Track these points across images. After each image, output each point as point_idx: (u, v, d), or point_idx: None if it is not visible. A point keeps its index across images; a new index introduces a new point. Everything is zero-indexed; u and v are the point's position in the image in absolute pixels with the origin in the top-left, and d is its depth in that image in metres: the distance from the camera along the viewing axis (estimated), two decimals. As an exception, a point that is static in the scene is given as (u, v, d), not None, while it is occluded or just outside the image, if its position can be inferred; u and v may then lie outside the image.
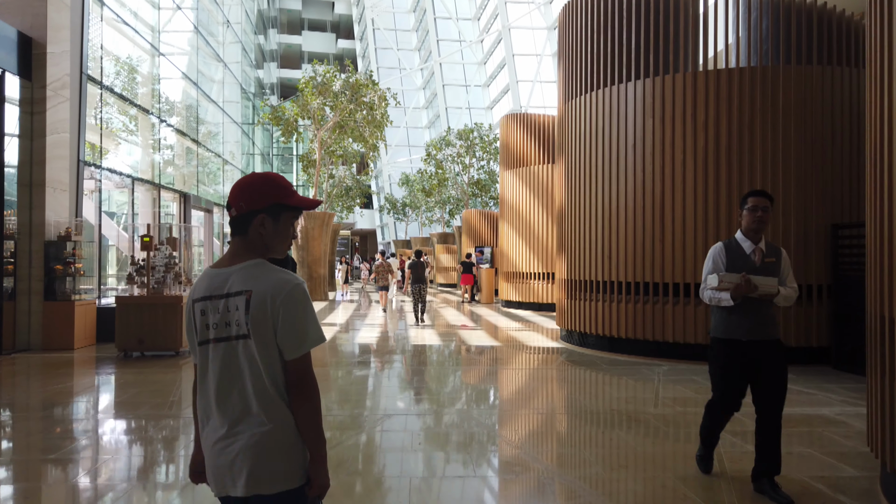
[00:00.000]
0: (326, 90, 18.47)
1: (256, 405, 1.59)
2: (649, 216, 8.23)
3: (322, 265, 19.92)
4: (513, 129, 16.74)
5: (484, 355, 8.87)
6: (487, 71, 40.87)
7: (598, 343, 8.92)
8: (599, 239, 8.83)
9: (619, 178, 8.57)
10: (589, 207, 9.05)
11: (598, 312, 8.83)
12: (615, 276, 8.59)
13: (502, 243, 17.24)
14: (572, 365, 8.05)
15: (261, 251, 1.67)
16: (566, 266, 9.67)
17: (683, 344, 7.97)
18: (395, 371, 7.75)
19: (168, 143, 15.77)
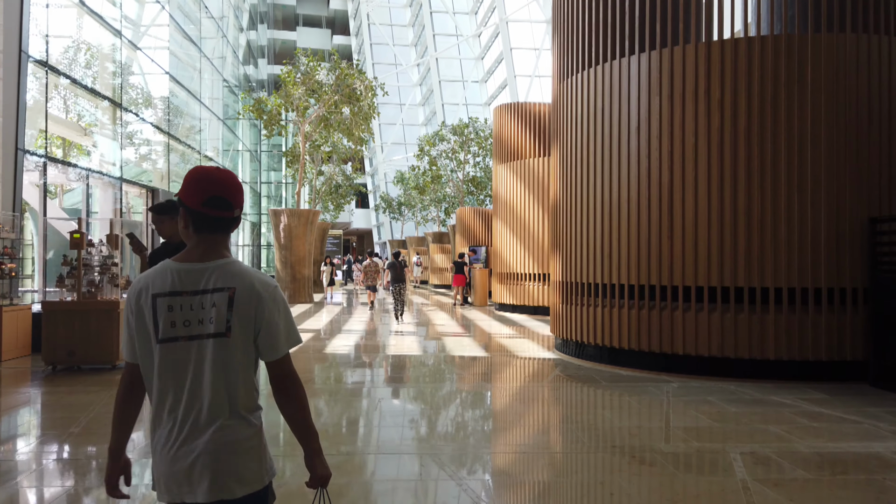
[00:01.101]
0: (310, 79, 17.40)
1: (224, 406, 1.56)
2: (655, 209, 7.15)
3: (306, 265, 18.86)
4: (506, 119, 15.67)
5: (468, 370, 7.79)
6: (485, 66, 39.84)
7: (597, 354, 7.84)
8: (598, 236, 7.76)
9: (620, 166, 7.50)
10: (586, 200, 7.98)
11: (596, 320, 7.75)
12: (616, 278, 7.51)
13: (495, 242, 16.17)
14: (567, 381, 6.97)
15: (229, 250, 1.66)
16: (561, 267, 8.60)
17: (696, 357, 6.89)
18: (361, 392, 6.68)
19: (136, 136, 14.72)
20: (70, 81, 11.46)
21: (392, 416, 5.53)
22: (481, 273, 18.15)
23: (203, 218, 1.58)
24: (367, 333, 11.23)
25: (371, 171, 52.17)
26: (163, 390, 1.56)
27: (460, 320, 13.75)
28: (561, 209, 8.63)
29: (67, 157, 12.47)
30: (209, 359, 1.55)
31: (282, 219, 18.46)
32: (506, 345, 9.70)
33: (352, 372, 7.64)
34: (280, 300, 1.62)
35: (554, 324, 8.94)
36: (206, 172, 1.61)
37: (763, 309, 6.65)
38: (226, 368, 1.55)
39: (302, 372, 7.45)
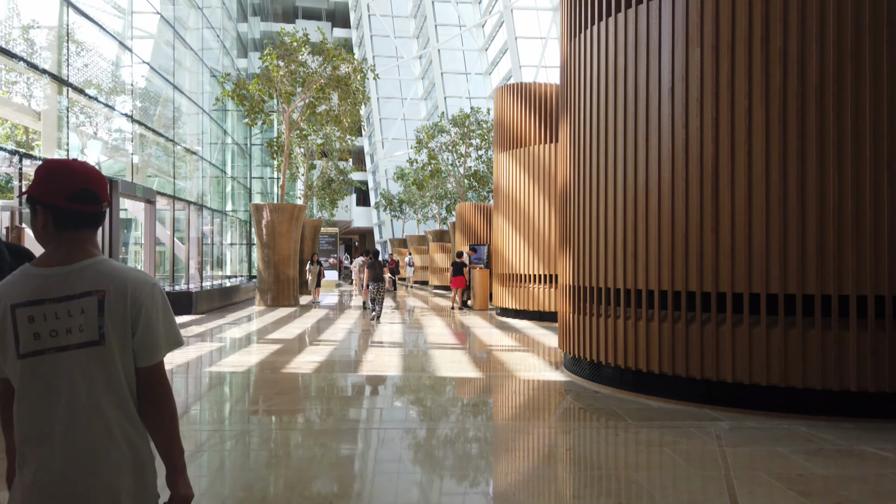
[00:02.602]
0: (292, 62, 15.84)
1: (105, 424, 1.44)
2: (696, 195, 5.54)
3: (291, 265, 17.31)
4: (509, 102, 14.05)
5: (455, 399, 6.20)
6: (489, 57, 38.24)
7: (616, 378, 6.23)
8: (620, 229, 6.15)
9: (649, 140, 5.89)
10: (604, 185, 6.37)
11: (617, 334, 6.14)
12: (644, 282, 5.90)
13: (496, 240, 14.56)
14: (582, 417, 5.37)
15: (97, 247, 1.54)
16: (571, 268, 7.00)
17: (749, 386, 5.27)
18: (290, 443, 5.09)
19: (89, 120, 13.21)
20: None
21: (324, 482, 3.94)
22: (481, 274, 16.54)
23: (68, 214, 1.47)
24: (343, 345, 9.65)
25: (372, 168, 50.66)
26: (30, 415, 1.42)
27: (456, 328, 12.16)
28: (571, 198, 7.03)
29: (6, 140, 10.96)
30: (84, 372, 1.43)
31: (264, 214, 16.94)
32: (505, 361, 8.10)
33: (302, 404, 6.05)
34: (159, 298, 1.51)
35: (563, 337, 7.33)
36: (65, 165, 1.50)
37: (842, 324, 5.03)
38: (105, 381, 1.44)
39: (232, 404, 5.85)
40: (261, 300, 17.07)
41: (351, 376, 7.00)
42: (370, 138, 50.75)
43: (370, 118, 49.52)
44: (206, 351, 8.82)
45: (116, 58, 13.61)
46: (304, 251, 23.34)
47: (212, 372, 7.16)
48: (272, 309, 16.30)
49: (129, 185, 12.95)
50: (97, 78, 13.41)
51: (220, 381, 6.72)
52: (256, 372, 7.14)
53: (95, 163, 13.92)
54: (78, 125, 14.10)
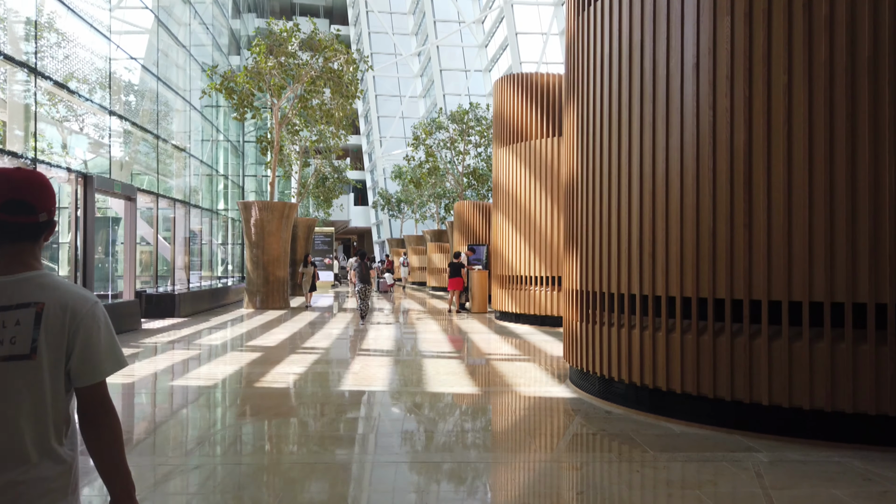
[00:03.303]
0: (282, 53, 15.09)
1: (31, 441, 1.34)
2: (725, 187, 4.79)
3: (281, 267, 16.55)
4: (509, 94, 13.30)
5: (445, 421, 5.45)
6: (489, 54, 37.51)
7: (631, 396, 5.48)
8: (635, 227, 5.40)
9: (669, 124, 5.14)
10: (616, 177, 5.62)
11: (632, 347, 5.39)
12: (663, 287, 5.15)
13: (496, 239, 13.81)
14: (594, 445, 4.62)
15: (39, 261, 1.47)
16: (578, 271, 6.25)
17: (789, 409, 4.52)
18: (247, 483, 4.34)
19: (72, 114, 12.47)
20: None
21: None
22: (480, 275, 15.79)
23: (2, 225, 1.40)
24: (329, 353, 8.90)
25: (370, 167, 49.91)
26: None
27: (453, 333, 11.41)
28: (579, 193, 6.27)
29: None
30: (9, 387, 1.34)
31: (252, 212, 16.19)
32: (505, 372, 7.35)
33: (264, 435, 5.30)
34: (100, 317, 1.44)
35: (569, 348, 6.58)
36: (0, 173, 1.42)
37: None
38: (32, 397, 1.35)
39: (195, 426, 5.09)
40: (249, 302, 16.32)
41: (330, 393, 6.24)
42: (368, 136, 50.01)
43: (368, 116, 48.78)
44: (177, 360, 8.07)
45: (90, 44, 12.84)
46: (298, 251, 22.59)
47: (174, 387, 6.41)
48: (261, 312, 15.55)
49: (106, 181, 12.20)
50: (74, 68, 12.66)
51: (179, 400, 5.97)
52: (224, 387, 6.38)
53: (81, 159, 13.20)
54: (59, 120, 13.39)
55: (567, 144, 6.80)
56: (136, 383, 6.48)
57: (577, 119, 6.32)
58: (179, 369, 7.41)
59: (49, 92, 11.47)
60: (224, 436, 4.77)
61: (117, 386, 6.25)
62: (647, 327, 5.30)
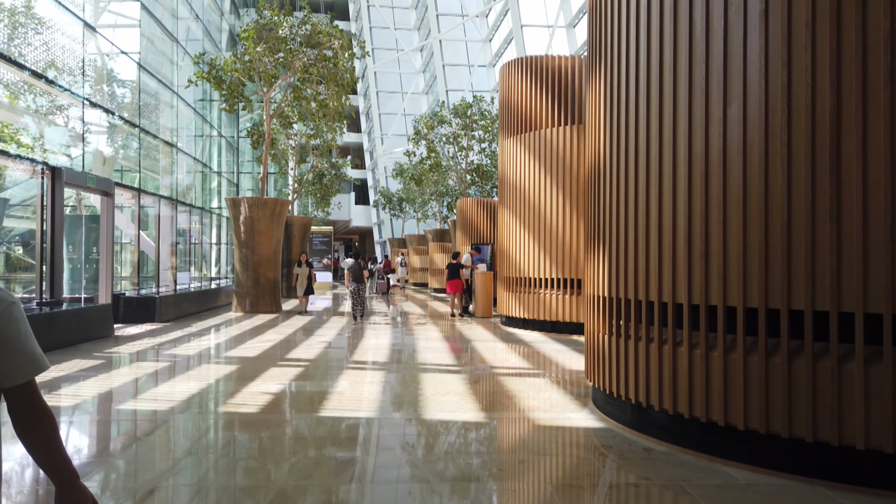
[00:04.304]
0: (272, 38, 14.06)
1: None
2: (802, 168, 3.73)
3: (272, 268, 15.52)
4: (517, 79, 12.24)
5: (446, 467, 4.40)
6: (493, 48, 36.48)
7: (675, 430, 4.42)
8: (683, 222, 4.34)
9: (727, 90, 4.08)
10: (657, 163, 4.56)
11: (678, 369, 4.33)
12: (719, 295, 4.08)
13: (501, 238, 12.76)
14: (636, 502, 3.56)
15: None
16: (605, 275, 5.19)
17: (891, 456, 3.46)
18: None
19: (26, 98, 11.46)
20: None
21: None
22: (485, 277, 14.73)
23: None
24: (315, 366, 7.86)
25: (371, 165, 48.90)
26: None
27: (455, 340, 10.35)
28: (606, 182, 5.22)
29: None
30: None
31: (241, 209, 15.17)
32: (516, 393, 6.30)
33: (197, 484, 4.25)
34: (17, 318, 1.43)
35: (592, 365, 5.52)
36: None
37: None
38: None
39: (108, 481, 4.02)
40: (238, 306, 15.30)
41: (306, 421, 5.20)
42: (369, 134, 49.00)
43: (369, 113, 47.77)
44: (139, 375, 7.04)
45: (62, 25, 11.83)
46: (293, 252, 21.58)
47: (119, 411, 5.37)
48: (249, 316, 14.52)
49: (78, 174, 11.19)
50: (40, 52, 11.64)
51: (114, 432, 4.93)
52: (179, 412, 5.34)
53: (59, 152, 12.19)
54: (30, 109, 12.44)
55: (591, 127, 5.75)
56: (72, 407, 5.44)
57: (606, 93, 5.26)
58: (135, 388, 6.37)
59: (13, 79, 10.46)
60: (146, 490, 3.73)
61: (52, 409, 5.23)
62: (697, 345, 4.24)
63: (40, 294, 10.17)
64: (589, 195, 5.75)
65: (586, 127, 5.95)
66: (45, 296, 10.28)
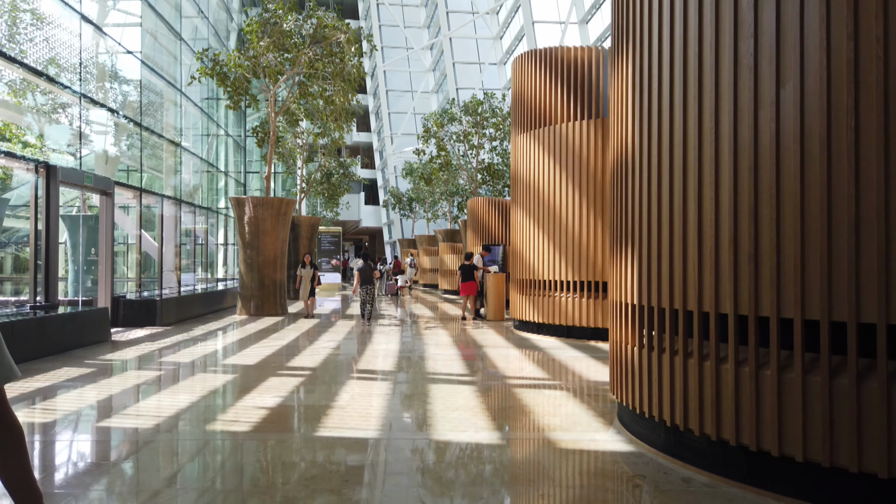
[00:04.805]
0: (276, 32, 13.63)
1: None
2: (873, 159, 3.19)
3: (278, 269, 15.09)
4: (530, 73, 11.70)
5: (455, 492, 3.89)
6: (504, 46, 35.96)
7: (717, 457, 3.88)
8: (727, 221, 3.80)
9: (780, 69, 3.54)
10: (695, 153, 4.03)
11: (722, 388, 3.79)
12: (772, 305, 3.54)
13: (514, 238, 12.23)
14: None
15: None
16: (634, 280, 4.65)
17: None
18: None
19: (25, 96, 11.11)
20: None
21: None
22: (497, 279, 14.20)
23: None
24: (318, 375, 7.38)
25: (381, 165, 48.49)
26: None
27: (466, 346, 9.85)
28: (635, 176, 4.69)
29: None
30: None
31: (246, 209, 14.75)
32: (533, 407, 5.78)
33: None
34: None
35: (618, 379, 4.99)
36: None
37: None
38: None
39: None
40: (243, 308, 14.88)
41: (301, 443, 4.71)
42: (379, 133, 48.60)
43: (379, 112, 47.37)
44: (128, 386, 6.59)
45: (59, 19, 11.44)
46: (300, 252, 21.17)
47: (97, 429, 4.90)
48: (254, 319, 14.10)
49: (75, 172, 10.80)
50: (44, 50, 11.27)
51: (88, 453, 4.46)
52: (163, 431, 4.87)
53: (67, 152, 11.83)
54: (31, 107, 12.11)
55: (616, 119, 5.22)
56: (45, 424, 4.99)
57: (635, 79, 4.73)
58: (121, 400, 5.91)
59: (8, 76, 10.09)
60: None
61: (23, 425, 4.79)
62: (744, 361, 3.71)
63: (34, 297, 9.77)
64: (614, 192, 5.22)
65: (610, 119, 5.42)
66: (39, 299, 9.88)
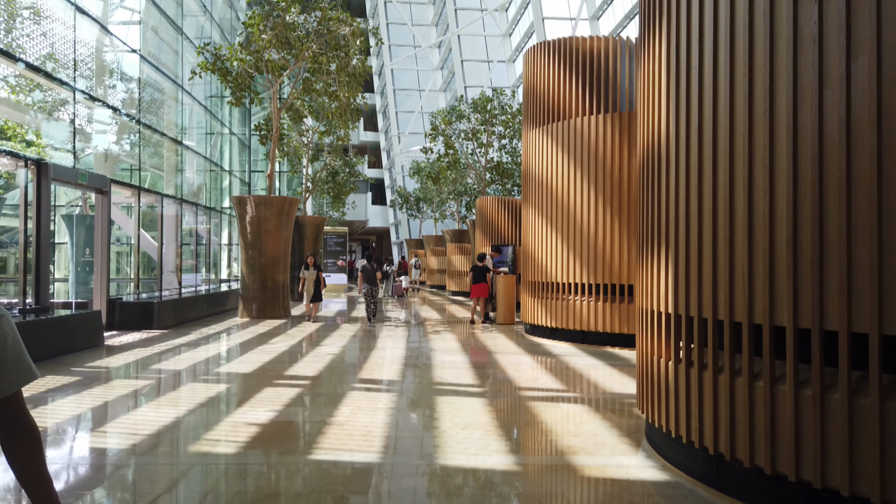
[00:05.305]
0: (279, 25, 13.17)
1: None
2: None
3: (281, 270, 14.62)
4: (543, 64, 11.16)
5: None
6: (513, 43, 35.41)
7: (773, 494, 3.33)
8: (785, 217, 3.26)
9: (851, 38, 3.00)
10: (744, 140, 3.49)
11: (778, 414, 3.25)
12: (841, 317, 2.99)
13: (526, 239, 11.70)
14: None
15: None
16: (668, 284, 4.11)
17: None
18: None
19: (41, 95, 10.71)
20: None
21: None
22: (507, 281, 13.67)
23: None
24: (315, 386, 6.88)
25: (388, 165, 48.04)
26: None
27: (476, 353, 9.32)
28: (671, 170, 4.15)
29: None
30: None
31: (248, 208, 14.29)
32: (549, 425, 5.25)
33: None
34: (5, 329, 1.39)
35: (647, 396, 4.45)
36: None
37: None
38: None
39: None
40: (244, 311, 14.42)
41: (291, 468, 4.20)
42: (386, 133, 48.16)
43: (386, 112, 46.93)
44: (111, 398, 6.11)
45: (52, 10, 11.02)
46: (305, 253, 20.71)
47: (68, 451, 4.41)
48: (256, 322, 13.63)
49: (67, 170, 10.36)
50: (41, 44, 10.85)
51: (21, 492, 3.98)
52: (139, 453, 4.38)
53: (65, 149, 11.42)
54: (26, 103, 11.73)
55: (644, 109, 4.69)
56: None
57: (669, 59, 4.19)
58: (99, 415, 5.44)
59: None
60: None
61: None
62: (805, 383, 3.16)
63: (24, 300, 9.34)
64: (643, 188, 4.69)
65: (638, 109, 4.89)
66: (29, 301, 9.45)
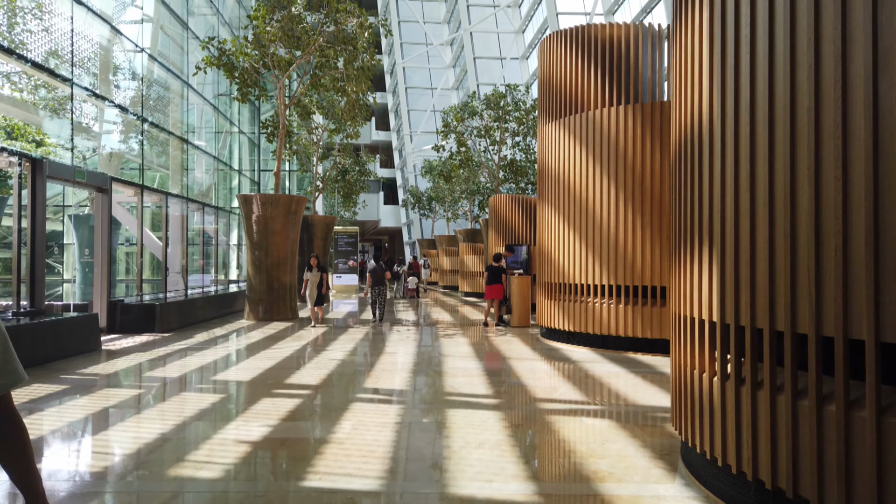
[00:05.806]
0: (286, 19, 12.74)
1: None
2: None
3: (288, 271, 14.20)
4: (560, 54, 10.62)
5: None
6: (526, 40, 34.85)
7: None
8: (860, 215, 2.71)
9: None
10: (808, 122, 2.95)
11: (854, 444, 2.70)
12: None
13: (541, 238, 11.16)
14: None
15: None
16: (713, 289, 3.57)
17: None
18: None
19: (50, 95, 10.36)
20: None
21: None
22: (521, 282, 13.14)
23: None
24: (315, 397, 6.41)
25: (400, 164, 47.63)
26: None
27: (489, 358, 8.81)
28: (715, 157, 3.62)
29: None
30: None
31: (254, 207, 13.89)
32: (573, 444, 4.72)
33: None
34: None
35: (684, 415, 3.92)
36: None
37: None
38: None
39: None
40: (250, 313, 14.01)
41: (283, 499, 3.72)
42: (398, 132, 47.74)
43: (398, 110, 46.52)
44: (94, 410, 5.67)
45: (56, 13, 10.67)
46: (314, 252, 20.30)
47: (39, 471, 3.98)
48: (262, 324, 13.22)
49: (64, 167, 9.98)
50: (43, 39, 10.50)
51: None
52: (113, 478, 3.92)
53: (65, 146, 11.09)
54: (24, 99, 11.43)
55: (678, 90, 4.16)
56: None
57: (713, 30, 3.66)
58: (77, 430, 4.99)
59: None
60: None
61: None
62: (890, 408, 2.62)
63: (17, 302, 8.96)
64: (679, 180, 4.15)
65: (672, 94, 4.36)
66: (24, 304, 9.08)
